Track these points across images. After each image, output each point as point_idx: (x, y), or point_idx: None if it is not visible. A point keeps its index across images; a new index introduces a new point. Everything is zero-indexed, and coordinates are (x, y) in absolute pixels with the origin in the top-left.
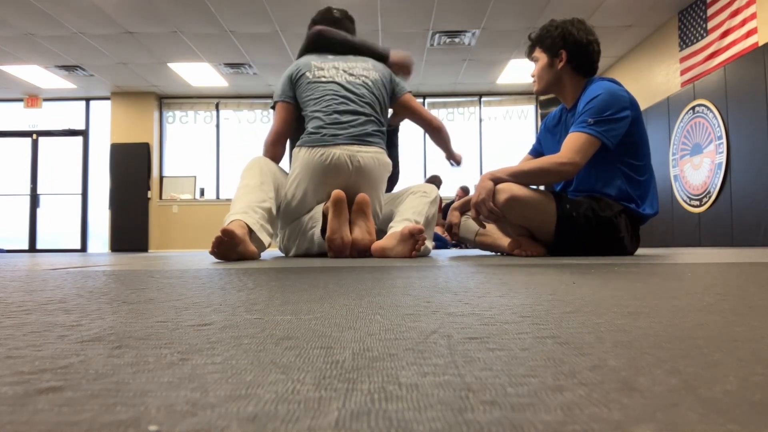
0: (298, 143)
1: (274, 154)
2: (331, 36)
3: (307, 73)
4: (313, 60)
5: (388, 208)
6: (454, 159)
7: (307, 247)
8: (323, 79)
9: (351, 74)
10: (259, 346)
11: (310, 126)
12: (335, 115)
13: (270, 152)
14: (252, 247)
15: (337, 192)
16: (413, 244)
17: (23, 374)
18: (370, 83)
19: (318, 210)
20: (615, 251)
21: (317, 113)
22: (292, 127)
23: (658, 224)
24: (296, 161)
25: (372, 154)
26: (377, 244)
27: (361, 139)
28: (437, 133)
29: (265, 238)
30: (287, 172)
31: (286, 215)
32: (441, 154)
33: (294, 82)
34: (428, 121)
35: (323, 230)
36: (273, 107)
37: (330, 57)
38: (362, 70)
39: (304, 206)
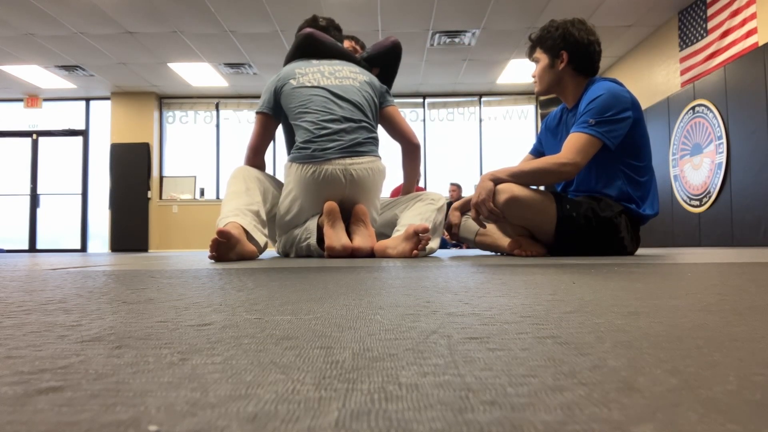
0: (289, 158)
1: (254, 166)
2: (321, 38)
3: (291, 81)
4: (296, 67)
5: (392, 212)
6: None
7: (306, 255)
8: (308, 84)
9: (337, 77)
10: (259, 346)
11: (299, 138)
12: (323, 124)
13: (251, 165)
14: (250, 247)
15: (329, 204)
16: (416, 243)
17: (23, 374)
18: (357, 85)
19: (311, 222)
20: (615, 251)
21: (305, 123)
22: (273, 139)
23: (658, 224)
24: (289, 176)
25: (365, 165)
26: (380, 244)
27: (352, 150)
28: (413, 151)
29: (261, 238)
30: (272, 175)
31: (282, 226)
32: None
33: (278, 93)
34: (409, 137)
35: (320, 241)
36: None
37: (314, 62)
38: (349, 72)
39: (300, 219)
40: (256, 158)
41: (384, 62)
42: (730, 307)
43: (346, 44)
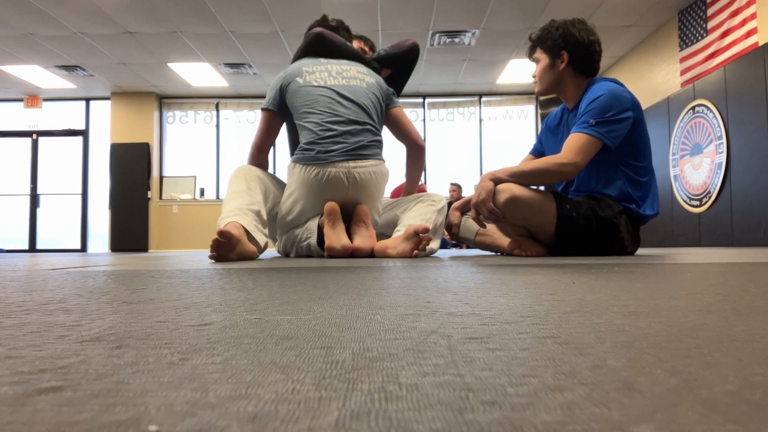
0: (292, 158)
1: (258, 164)
2: (331, 38)
3: (298, 79)
4: (304, 65)
5: (393, 213)
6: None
7: (306, 255)
8: (314, 84)
9: (344, 77)
10: (259, 346)
11: (303, 139)
12: (328, 126)
13: (254, 163)
14: (251, 246)
15: (330, 204)
16: (416, 243)
17: (23, 374)
18: (364, 86)
19: (312, 222)
20: (615, 251)
21: (309, 124)
22: (277, 137)
23: (658, 224)
24: (292, 176)
25: (369, 168)
26: (380, 244)
27: (356, 153)
28: (418, 153)
29: (261, 238)
30: (273, 175)
31: (283, 226)
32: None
33: (284, 90)
34: (414, 138)
35: (320, 241)
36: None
37: (323, 60)
38: (356, 73)
39: (302, 219)
40: (259, 156)
41: (398, 63)
42: (730, 307)
43: (355, 44)
